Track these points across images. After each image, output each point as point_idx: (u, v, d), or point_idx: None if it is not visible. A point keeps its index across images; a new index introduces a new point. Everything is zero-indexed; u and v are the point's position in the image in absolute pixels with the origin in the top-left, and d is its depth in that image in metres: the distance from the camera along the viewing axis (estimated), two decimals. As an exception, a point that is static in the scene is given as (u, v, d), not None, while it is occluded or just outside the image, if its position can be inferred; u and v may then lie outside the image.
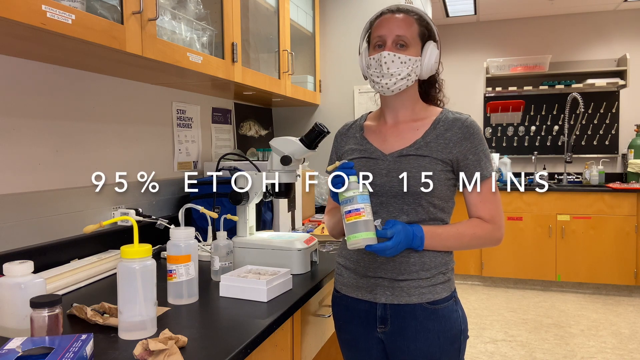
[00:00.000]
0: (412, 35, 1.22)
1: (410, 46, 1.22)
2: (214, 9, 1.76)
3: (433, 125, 1.25)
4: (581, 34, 4.88)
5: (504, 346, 3.21)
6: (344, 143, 1.38)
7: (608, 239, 4.20)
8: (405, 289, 1.22)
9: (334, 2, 2.79)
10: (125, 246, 0.98)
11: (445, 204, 1.25)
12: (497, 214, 1.25)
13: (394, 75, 1.21)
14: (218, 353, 0.90)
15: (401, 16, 1.23)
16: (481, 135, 1.24)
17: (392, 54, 1.21)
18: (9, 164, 1.33)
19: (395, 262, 1.23)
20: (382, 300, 1.24)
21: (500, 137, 5.07)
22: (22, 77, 1.37)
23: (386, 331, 1.25)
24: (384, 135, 1.30)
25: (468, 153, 1.22)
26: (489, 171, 1.23)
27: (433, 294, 1.22)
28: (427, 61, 1.24)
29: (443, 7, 4.61)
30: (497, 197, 1.26)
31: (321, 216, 2.40)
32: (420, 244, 1.18)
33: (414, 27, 1.23)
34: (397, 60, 1.21)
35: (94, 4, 1.23)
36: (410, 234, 1.16)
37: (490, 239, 1.24)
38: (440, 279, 1.24)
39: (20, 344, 0.80)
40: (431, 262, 1.23)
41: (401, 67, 1.21)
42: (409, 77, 1.23)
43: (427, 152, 1.22)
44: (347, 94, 2.79)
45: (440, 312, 1.22)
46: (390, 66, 1.21)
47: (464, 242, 1.23)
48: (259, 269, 1.37)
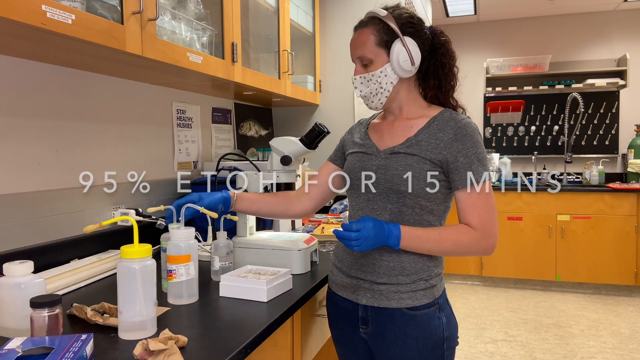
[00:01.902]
0: (370, 49, 1.22)
1: (374, 60, 1.22)
2: (214, 9, 1.76)
3: (427, 124, 1.23)
4: (581, 34, 4.88)
5: (504, 346, 3.21)
6: (352, 136, 1.40)
7: (608, 239, 4.20)
8: (384, 293, 1.21)
9: (334, 2, 2.79)
10: (125, 246, 0.98)
11: (435, 207, 1.21)
12: (488, 222, 1.16)
13: (367, 96, 1.26)
14: (218, 353, 0.90)
15: (358, 34, 1.25)
16: (476, 138, 1.18)
17: (359, 76, 1.25)
18: (9, 164, 1.33)
19: (375, 264, 1.22)
20: (364, 302, 1.24)
21: (500, 137, 5.07)
22: (22, 77, 1.37)
23: (368, 332, 1.26)
24: (382, 133, 1.31)
25: (459, 155, 1.17)
26: (481, 175, 1.16)
27: (412, 300, 1.20)
28: (396, 62, 1.20)
29: (443, 7, 4.61)
30: (489, 203, 1.17)
31: (321, 216, 2.40)
32: (396, 243, 1.14)
33: (369, 39, 1.22)
34: (364, 80, 1.24)
35: (94, 4, 1.23)
36: (385, 232, 1.13)
37: (476, 248, 1.16)
38: (422, 285, 1.20)
39: (20, 344, 0.80)
40: (411, 268, 1.20)
41: (370, 85, 1.24)
42: (382, 89, 1.23)
43: (417, 150, 1.20)
44: (347, 94, 2.79)
45: (419, 317, 1.19)
46: (362, 89, 1.25)
47: (445, 247, 1.16)
48: (259, 269, 1.37)
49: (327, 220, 2.28)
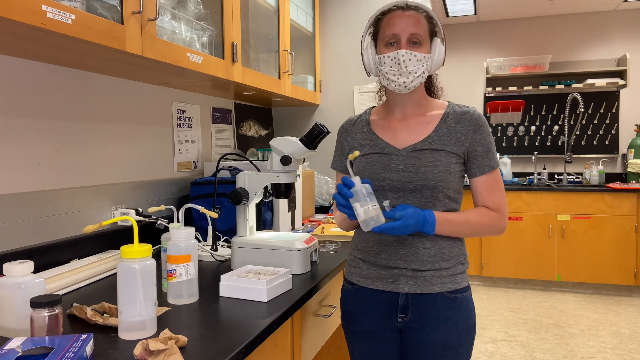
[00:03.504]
0: (424, 32, 1.25)
1: (423, 44, 1.25)
2: (214, 9, 1.76)
3: (443, 119, 1.29)
4: (581, 34, 4.88)
5: (504, 346, 3.21)
6: (351, 138, 1.39)
7: (608, 239, 4.20)
8: (428, 279, 1.26)
9: (334, 2, 2.79)
10: (125, 246, 0.98)
11: (457, 195, 1.30)
12: (503, 204, 1.29)
13: (412, 73, 1.23)
14: (218, 353, 0.90)
15: (412, 13, 1.24)
16: (488, 127, 1.29)
17: (409, 52, 1.22)
18: (9, 164, 1.33)
19: (417, 253, 1.26)
20: (405, 290, 1.27)
21: (500, 137, 5.07)
22: (22, 77, 1.37)
23: (406, 320, 1.28)
24: (394, 130, 1.31)
25: (477, 145, 1.26)
26: (496, 162, 1.28)
27: (453, 284, 1.27)
28: (436, 57, 1.27)
29: (443, 7, 4.61)
30: (502, 186, 1.30)
31: (321, 216, 2.40)
32: (431, 228, 1.20)
33: (424, 24, 1.25)
34: (413, 58, 1.23)
35: (94, 4, 1.23)
36: (421, 218, 1.18)
37: (496, 228, 1.28)
38: (460, 269, 1.29)
39: (20, 344, 0.80)
40: (450, 253, 1.28)
41: (417, 65, 1.23)
42: (424, 75, 1.26)
43: (442, 146, 1.26)
44: (347, 94, 2.79)
45: (459, 301, 1.27)
46: (408, 64, 1.23)
47: (473, 229, 1.26)
48: (259, 269, 1.37)
49: (327, 220, 2.28)
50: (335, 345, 2.35)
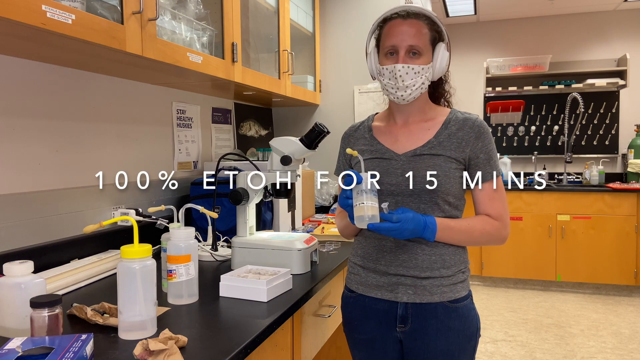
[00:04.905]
0: (424, 42, 1.22)
1: (423, 54, 1.22)
2: (214, 9, 1.76)
3: (444, 125, 1.28)
4: (581, 34, 4.88)
5: (504, 346, 3.21)
6: (352, 144, 1.38)
7: (608, 239, 4.20)
8: (427, 288, 1.23)
9: (334, 2, 2.79)
10: (125, 246, 0.98)
11: (458, 202, 1.28)
12: (505, 212, 1.27)
13: (409, 87, 1.22)
14: (218, 353, 0.90)
15: (413, 22, 1.22)
16: (490, 135, 1.27)
17: (406, 66, 1.21)
18: (9, 164, 1.33)
19: (417, 259, 1.24)
20: (404, 300, 1.25)
21: (500, 137, 5.07)
22: (22, 77, 1.37)
23: (406, 330, 1.26)
24: (395, 136, 1.31)
25: (479, 152, 1.25)
26: (498, 170, 1.27)
27: (454, 292, 1.24)
28: (438, 65, 1.25)
29: (443, 7, 4.61)
30: (504, 195, 1.28)
31: (321, 216, 2.40)
32: (431, 235, 1.19)
33: (425, 33, 1.22)
34: (411, 71, 1.21)
35: (94, 4, 1.23)
36: (421, 224, 1.17)
37: (497, 237, 1.26)
38: (460, 277, 1.26)
39: (20, 344, 0.80)
40: (451, 260, 1.25)
41: (415, 78, 1.22)
42: (423, 86, 1.24)
43: (441, 151, 1.24)
44: (347, 94, 2.79)
45: (460, 310, 1.24)
46: (405, 78, 1.21)
47: (474, 237, 1.24)
48: (259, 269, 1.37)
49: (327, 220, 2.28)
50: (336, 345, 2.35)
